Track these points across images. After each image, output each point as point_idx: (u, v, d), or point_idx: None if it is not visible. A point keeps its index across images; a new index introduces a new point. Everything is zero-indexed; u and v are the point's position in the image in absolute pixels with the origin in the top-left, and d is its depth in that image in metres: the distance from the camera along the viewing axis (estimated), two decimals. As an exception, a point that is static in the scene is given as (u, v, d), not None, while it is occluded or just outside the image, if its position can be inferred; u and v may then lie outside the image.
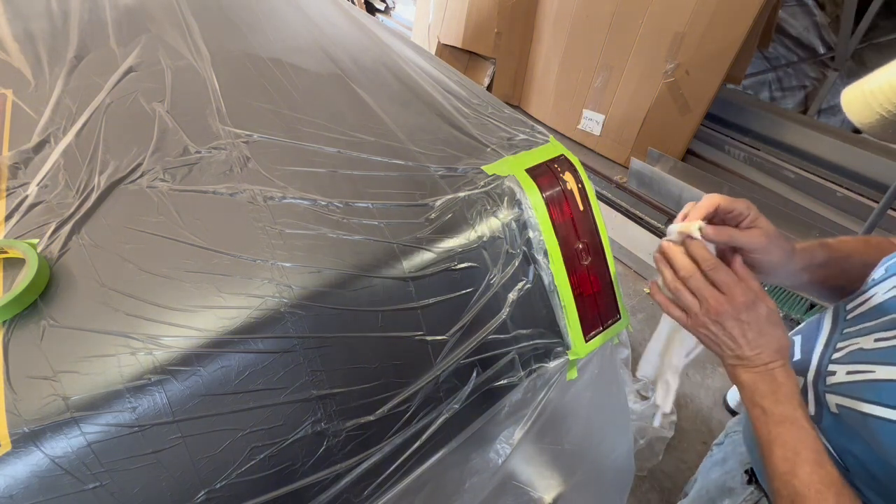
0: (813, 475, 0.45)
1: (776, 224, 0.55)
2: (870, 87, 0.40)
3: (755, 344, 0.51)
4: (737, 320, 0.50)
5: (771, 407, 0.49)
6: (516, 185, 0.69)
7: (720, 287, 0.51)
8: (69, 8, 1.04)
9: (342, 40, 1.04)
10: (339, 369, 0.57)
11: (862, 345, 0.48)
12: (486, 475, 0.73)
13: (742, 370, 0.52)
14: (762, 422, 0.49)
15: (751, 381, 0.51)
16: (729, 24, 2.11)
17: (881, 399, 0.43)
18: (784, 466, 0.46)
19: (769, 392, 0.50)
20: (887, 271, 0.52)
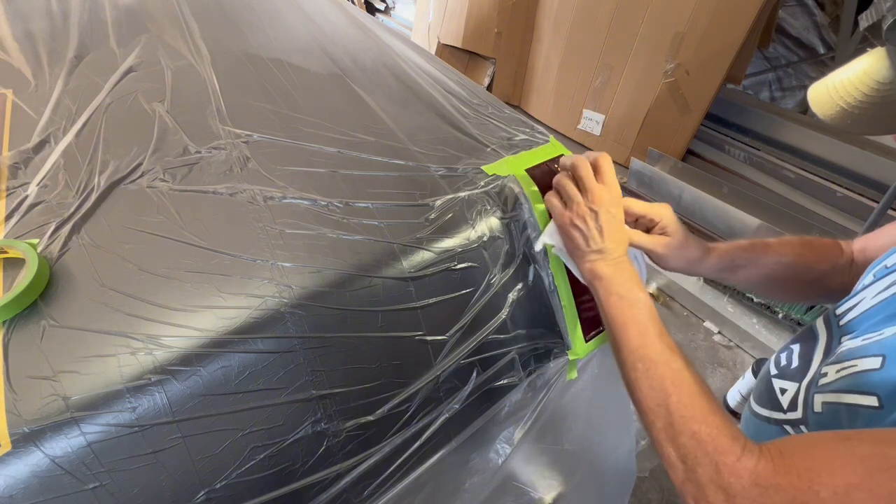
0: (661, 344, 0.51)
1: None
2: (831, 82, 0.44)
3: (615, 238, 0.58)
4: (608, 213, 0.58)
5: (626, 293, 0.55)
6: (516, 185, 0.69)
7: (604, 181, 0.60)
8: (69, 8, 1.04)
9: (342, 40, 1.04)
10: (339, 369, 0.57)
11: (851, 345, 0.50)
12: (486, 475, 0.73)
13: (602, 263, 0.58)
14: (619, 307, 0.55)
15: (609, 272, 0.57)
16: (729, 24, 2.11)
17: (860, 387, 0.45)
18: (638, 341, 0.52)
19: (625, 280, 0.56)
20: (875, 276, 0.54)
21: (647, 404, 0.48)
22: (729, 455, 0.39)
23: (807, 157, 2.35)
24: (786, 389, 0.57)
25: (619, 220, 0.60)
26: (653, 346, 0.51)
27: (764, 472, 0.38)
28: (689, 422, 0.44)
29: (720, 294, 2.02)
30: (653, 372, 0.49)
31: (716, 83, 2.22)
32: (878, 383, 0.43)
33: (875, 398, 0.43)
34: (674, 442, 0.44)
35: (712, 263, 0.67)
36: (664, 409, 0.46)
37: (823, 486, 0.34)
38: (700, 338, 1.97)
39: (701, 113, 2.34)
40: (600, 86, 2.68)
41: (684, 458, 0.42)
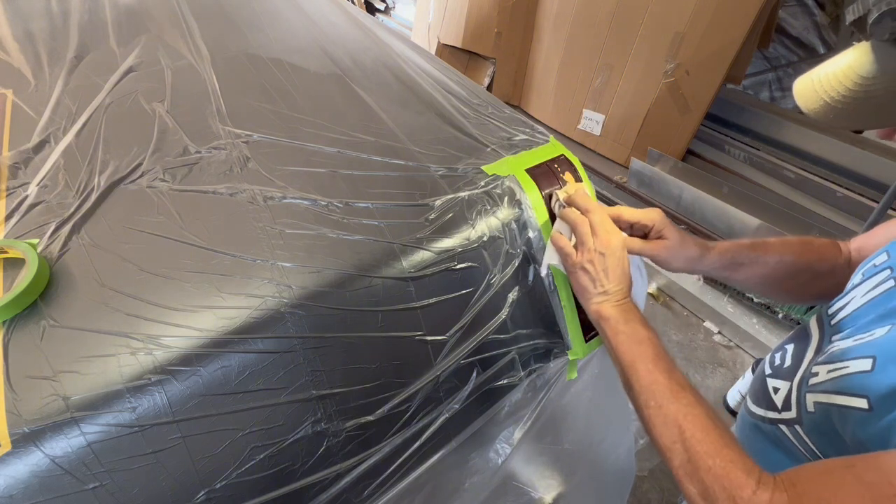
0: (670, 380, 0.51)
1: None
2: (816, 76, 0.45)
3: (619, 280, 0.60)
4: (615, 257, 0.60)
5: (630, 331, 0.57)
6: (516, 185, 0.69)
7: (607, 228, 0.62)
8: (69, 8, 1.04)
9: (342, 40, 1.04)
10: (339, 369, 0.57)
11: (842, 345, 0.50)
12: (485, 475, 0.73)
13: (607, 304, 0.60)
14: (626, 346, 0.56)
15: (615, 313, 0.59)
16: (729, 24, 2.11)
17: (851, 389, 0.46)
18: (647, 378, 0.52)
19: (629, 319, 0.58)
20: (864, 276, 0.55)
21: (663, 442, 0.49)
22: (745, 489, 0.40)
23: (807, 157, 2.35)
24: (778, 388, 0.58)
25: (624, 264, 0.61)
26: (663, 383, 0.51)
27: (777, 497, 0.39)
28: (705, 457, 0.44)
29: (720, 294, 2.02)
30: (665, 409, 0.49)
31: (716, 83, 2.22)
32: (868, 386, 0.44)
33: (865, 400, 0.43)
34: (692, 478, 0.45)
35: (713, 260, 0.67)
36: (680, 446, 0.46)
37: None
38: (700, 338, 1.98)
39: (701, 113, 2.34)
40: (600, 86, 2.68)
41: (703, 493, 0.43)
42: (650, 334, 0.57)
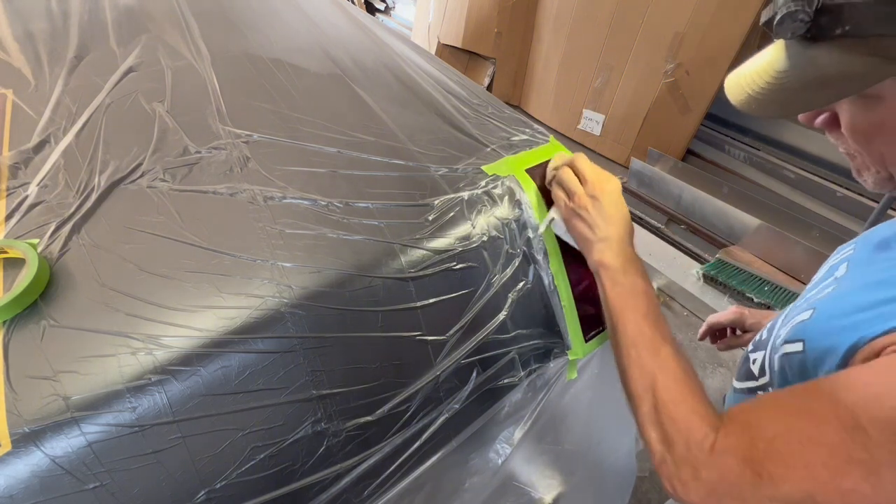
0: (654, 332, 0.53)
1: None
2: (742, 71, 0.49)
3: (618, 223, 0.60)
4: (610, 199, 0.61)
5: (628, 282, 0.57)
6: (516, 185, 0.69)
7: (600, 175, 0.63)
8: (69, 8, 1.04)
9: (342, 40, 1.04)
10: (339, 369, 0.57)
11: (798, 304, 0.55)
12: (486, 475, 0.73)
13: (609, 252, 0.60)
14: (620, 295, 0.57)
15: (614, 262, 0.59)
16: (729, 24, 2.11)
17: (793, 336, 0.50)
18: (633, 328, 0.54)
19: (628, 270, 0.58)
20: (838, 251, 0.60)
21: (635, 389, 0.51)
22: (697, 432, 0.43)
23: (807, 157, 2.35)
24: (756, 359, 0.61)
25: (621, 207, 0.62)
26: (647, 335, 0.53)
27: (720, 439, 0.42)
28: (670, 405, 0.47)
29: (720, 294, 2.02)
30: (644, 359, 0.51)
31: (716, 83, 2.22)
32: (804, 331, 0.49)
33: (801, 343, 0.48)
34: (655, 425, 0.47)
35: None
36: (650, 394, 0.49)
37: (759, 439, 0.39)
38: (700, 338, 1.97)
39: (701, 113, 2.34)
40: (600, 86, 2.68)
41: (663, 439, 0.46)
42: (646, 286, 0.58)
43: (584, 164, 0.64)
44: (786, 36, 0.41)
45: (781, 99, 0.45)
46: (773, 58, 0.45)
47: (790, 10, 0.39)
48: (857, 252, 0.54)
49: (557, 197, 0.65)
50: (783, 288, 1.90)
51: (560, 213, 0.66)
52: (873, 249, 0.51)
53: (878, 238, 0.51)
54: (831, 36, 0.39)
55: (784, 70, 0.44)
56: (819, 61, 0.41)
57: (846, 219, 2.13)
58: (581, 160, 0.65)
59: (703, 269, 2.04)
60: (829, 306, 0.48)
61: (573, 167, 0.65)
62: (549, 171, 0.68)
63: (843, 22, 0.38)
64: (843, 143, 0.49)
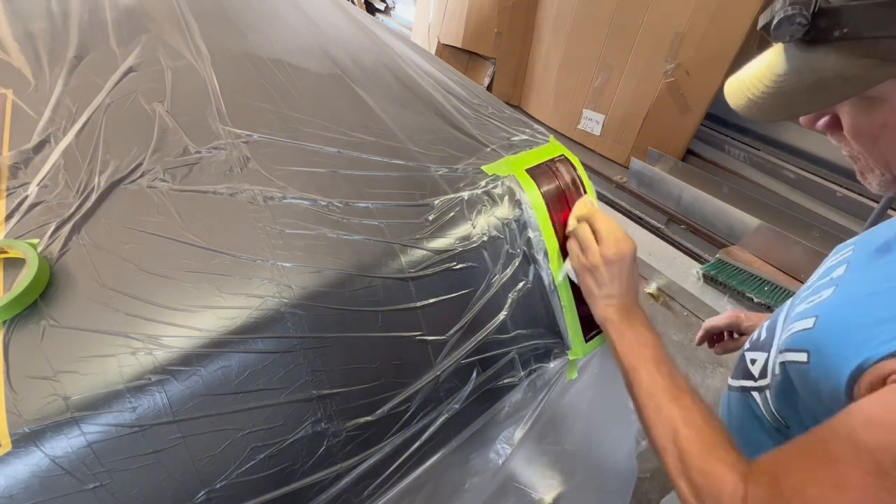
0: (670, 382, 0.54)
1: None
2: (743, 76, 0.49)
3: (627, 286, 0.63)
4: (621, 264, 0.63)
5: (635, 335, 0.59)
6: (516, 185, 0.69)
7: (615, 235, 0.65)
8: (69, 8, 1.04)
9: (342, 40, 1.04)
10: (339, 369, 0.57)
11: (799, 309, 0.55)
12: (486, 476, 0.73)
13: (612, 308, 0.63)
14: (629, 349, 0.59)
15: (619, 316, 0.62)
16: (729, 24, 2.11)
17: (795, 346, 0.50)
18: (648, 381, 0.55)
19: (633, 322, 0.61)
20: (836, 251, 0.60)
21: (660, 442, 0.51)
22: (727, 485, 0.43)
23: (807, 157, 2.35)
24: (755, 360, 0.62)
25: (633, 272, 0.64)
26: (662, 386, 0.54)
27: (751, 491, 0.42)
28: (695, 457, 0.47)
29: (720, 294, 2.01)
30: (664, 411, 0.52)
31: (716, 83, 2.22)
32: (808, 340, 0.49)
33: (805, 354, 0.48)
34: (684, 476, 0.47)
35: None
36: (674, 446, 0.49)
37: (786, 488, 0.40)
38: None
39: (701, 113, 2.34)
40: (600, 86, 2.68)
41: (693, 492, 0.46)
42: (653, 337, 0.59)
43: (602, 223, 0.65)
44: (784, 40, 0.41)
45: (781, 102, 0.45)
46: (771, 61, 0.45)
47: (788, 14, 0.39)
48: (857, 253, 0.54)
49: (572, 249, 0.67)
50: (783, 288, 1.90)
51: (572, 264, 0.68)
52: (874, 252, 0.50)
53: (879, 240, 0.51)
54: (830, 38, 0.39)
55: (783, 73, 0.44)
56: (818, 64, 0.41)
57: (846, 219, 2.13)
58: (600, 219, 0.66)
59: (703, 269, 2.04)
60: (833, 317, 0.48)
61: (591, 224, 0.66)
62: (571, 221, 0.69)
63: (841, 24, 0.38)
64: (846, 146, 0.49)
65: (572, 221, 0.69)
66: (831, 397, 0.44)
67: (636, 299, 0.64)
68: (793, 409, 0.54)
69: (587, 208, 0.69)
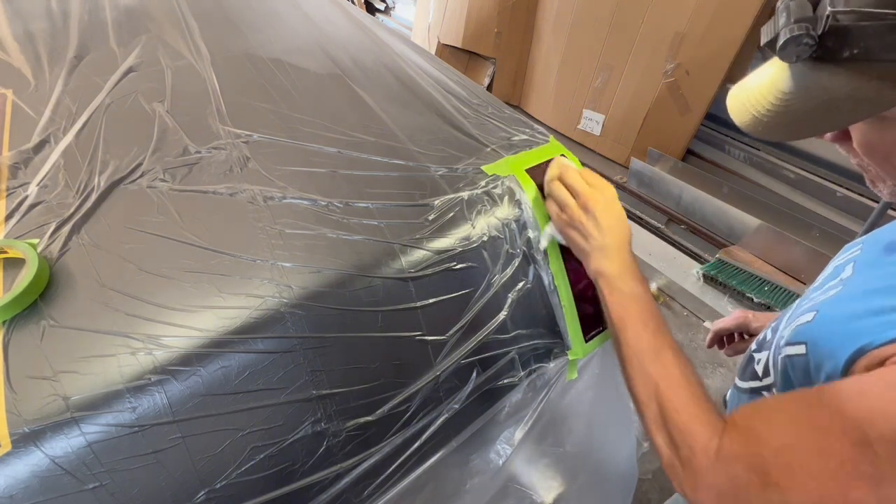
0: (656, 340, 0.54)
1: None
2: (744, 89, 0.47)
3: (613, 230, 0.61)
4: (602, 209, 0.61)
5: (627, 289, 0.58)
6: (516, 184, 0.69)
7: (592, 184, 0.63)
8: (69, 8, 1.04)
9: (342, 40, 1.04)
10: (339, 369, 0.57)
11: (803, 305, 0.55)
12: (486, 476, 0.73)
13: (605, 261, 0.60)
14: (620, 303, 0.58)
15: (612, 269, 0.60)
16: (729, 24, 2.11)
17: (795, 339, 0.50)
18: (635, 337, 0.55)
19: (626, 276, 0.59)
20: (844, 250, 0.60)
21: (640, 397, 0.52)
22: (700, 438, 0.44)
23: (807, 157, 2.36)
24: (760, 359, 0.61)
25: (616, 212, 0.62)
26: (648, 342, 0.54)
27: (724, 445, 0.42)
28: (673, 412, 0.48)
29: (720, 294, 2.02)
30: (646, 367, 0.52)
31: (716, 83, 2.22)
32: (806, 333, 0.49)
33: (803, 346, 0.48)
34: (661, 430, 0.48)
35: None
36: (654, 402, 0.50)
37: (766, 447, 0.40)
38: (700, 338, 1.97)
39: (701, 113, 2.34)
40: (600, 86, 2.68)
41: (669, 444, 0.47)
42: (643, 291, 0.59)
43: (573, 176, 0.64)
44: (790, 60, 0.39)
45: (788, 122, 0.43)
46: (776, 76, 0.43)
47: (794, 35, 0.37)
48: (864, 253, 0.53)
49: (551, 211, 0.66)
50: (783, 288, 1.90)
51: (554, 225, 0.66)
52: (881, 251, 0.49)
53: (887, 239, 0.50)
54: (839, 58, 0.37)
55: (789, 92, 0.42)
56: (826, 83, 0.39)
57: (846, 219, 2.13)
58: (571, 173, 0.65)
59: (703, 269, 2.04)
60: (832, 309, 0.48)
61: (563, 181, 0.65)
62: (546, 185, 0.68)
63: (851, 45, 0.36)
64: (855, 157, 0.47)
65: (547, 184, 0.68)
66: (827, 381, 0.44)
67: (627, 246, 0.62)
68: None
69: (557, 168, 0.68)
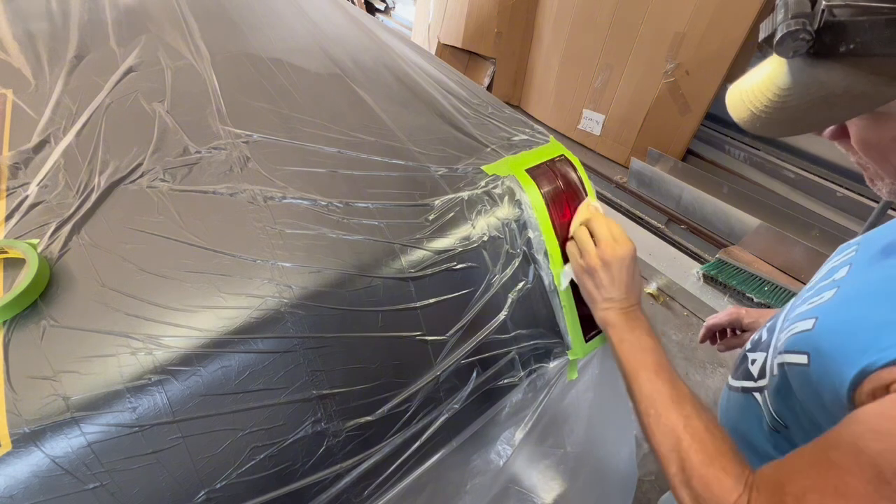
0: (672, 389, 0.53)
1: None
2: (743, 86, 0.47)
3: (627, 288, 0.62)
4: (620, 266, 0.62)
5: (635, 340, 0.59)
6: (516, 185, 0.69)
7: (616, 238, 0.64)
8: (69, 8, 1.04)
9: (342, 40, 1.04)
10: (339, 369, 0.57)
11: (800, 310, 0.54)
12: (487, 477, 0.73)
13: (613, 311, 0.62)
14: (630, 353, 0.58)
15: (620, 320, 0.61)
16: (729, 24, 2.11)
17: (795, 347, 0.50)
18: (649, 387, 0.54)
19: (634, 327, 0.60)
20: (839, 251, 0.59)
21: (661, 450, 0.51)
22: (732, 494, 0.43)
23: (807, 157, 2.35)
24: (755, 360, 0.61)
25: (633, 273, 0.63)
26: (664, 392, 0.53)
27: (755, 499, 0.42)
28: (699, 466, 0.46)
29: (720, 294, 2.01)
30: (665, 418, 0.51)
31: (716, 83, 2.22)
32: (807, 342, 0.48)
33: (805, 356, 0.48)
34: (686, 485, 0.47)
35: None
36: (676, 455, 0.48)
37: (789, 494, 0.39)
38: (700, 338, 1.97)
39: (701, 113, 2.34)
40: (600, 86, 2.68)
41: (694, 499, 0.46)
42: (654, 343, 0.58)
43: (599, 225, 0.65)
44: (787, 55, 0.39)
45: (786, 118, 0.43)
46: (774, 72, 0.43)
47: (791, 30, 0.37)
48: (861, 254, 0.53)
49: (571, 253, 0.67)
50: (783, 288, 1.90)
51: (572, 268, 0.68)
52: (878, 253, 0.49)
53: (884, 241, 0.49)
54: (836, 54, 0.37)
55: (787, 87, 0.42)
56: (824, 78, 0.39)
57: (846, 219, 2.13)
58: (598, 221, 0.66)
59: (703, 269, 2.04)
60: (833, 318, 0.47)
61: (589, 226, 0.66)
62: (573, 226, 0.69)
63: (847, 40, 0.36)
64: (854, 155, 0.47)
65: (574, 226, 0.69)
66: (832, 400, 0.44)
67: (637, 302, 0.63)
68: (791, 410, 0.53)
69: (587, 212, 0.69)
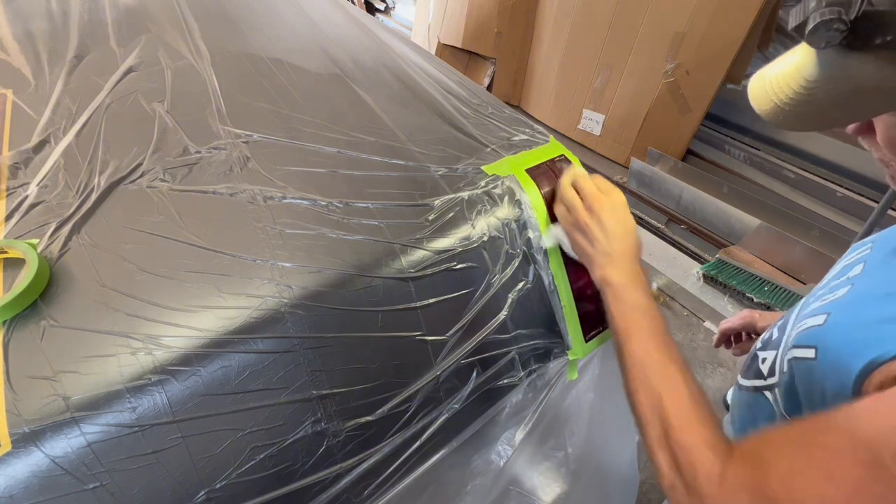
0: (661, 354, 0.52)
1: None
2: (768, 76, 0.45)
3: (621, 239, 0.59)
4: (609, 214, 0.60)
5: (632, 300, 0.56)
6: (516, 185, 0.69)
7: (601, 189, 0.62)
8: (69, 8, 1.04)
9: (342, 40, 1.04)
10: (339, 369, 0.57)
11: (813, 306, 0.53)
12: (487, 478, 0.73)
13: (610, 269, 0.59)
14: (624, 314, 0.56)
15: (618, 279, 0.58)
16: (729, 24, 2.11)
17: (804, 342, 0.49)
18: (639, 350, 0.53)
19: (632, 287, 0.57)
20: (853, 248, 0.59)
21: (643, 412, 0.50)
22: (706, 462, 0.42)
23: (807, 157, 2.36)
24: (766, 358, 0.60)
25: (626, 222, 0.61)
26: (653, 355, 0.52)
27: (730, 473, 0.41)
28: (679, 432, 0.46)
29: (720, 294, 2.02)
30: (652, 381, 0.50)
31: (716, 83, 2.22)
32: (817, 337, 0.47)
33: (813, 350, 0.47)
34: (663, 449, 0.46)
35: None
36: (658, 419, 0.48)
37: (772, 474, 0.38)
38: (700, 338, 1.98)
39: (701, 113, 2.34)
40: (600, 86, 2.68)
41: (671, 465, 0.45)
42: (650, 304, 0.57)
43: (584, 181, 0.64)
44: (819, 46, 0.38)
45: (811, 112, 0.42)
46: (801, 63, 0.42)
47: (825, 19, 0.35)
48: (875, 252, 0.52)
49: (559, 212, 0.66)
50: (783, 288, 1.90)
51: (562, 228, 0.66)
52: (892, 251, 0.48)
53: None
54: (870, 46, 0.36)
55: (815, 79, 0.40)
56: (854, 72, 0.38)
57: (846, 219, 2.13)
58: (582, 178, 0.65)
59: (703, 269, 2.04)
60: (844, 313, 0.46)
61: (575, 185, 0.65)
62: (558, 189, 0.68)
63: (885, 31, 0.35)
64: (878, 151, 0.46)
65: (559, 188, 0.68)
66: (835, 393, 0.43)
67: (635, 257, 0.60)
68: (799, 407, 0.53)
69: (573, 174, 0.68)
